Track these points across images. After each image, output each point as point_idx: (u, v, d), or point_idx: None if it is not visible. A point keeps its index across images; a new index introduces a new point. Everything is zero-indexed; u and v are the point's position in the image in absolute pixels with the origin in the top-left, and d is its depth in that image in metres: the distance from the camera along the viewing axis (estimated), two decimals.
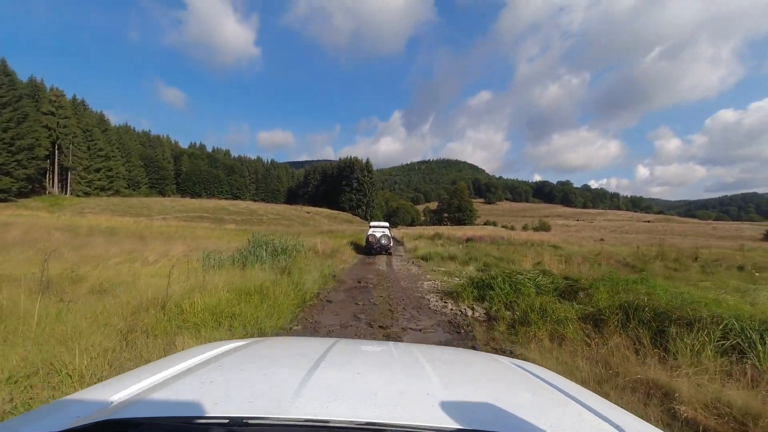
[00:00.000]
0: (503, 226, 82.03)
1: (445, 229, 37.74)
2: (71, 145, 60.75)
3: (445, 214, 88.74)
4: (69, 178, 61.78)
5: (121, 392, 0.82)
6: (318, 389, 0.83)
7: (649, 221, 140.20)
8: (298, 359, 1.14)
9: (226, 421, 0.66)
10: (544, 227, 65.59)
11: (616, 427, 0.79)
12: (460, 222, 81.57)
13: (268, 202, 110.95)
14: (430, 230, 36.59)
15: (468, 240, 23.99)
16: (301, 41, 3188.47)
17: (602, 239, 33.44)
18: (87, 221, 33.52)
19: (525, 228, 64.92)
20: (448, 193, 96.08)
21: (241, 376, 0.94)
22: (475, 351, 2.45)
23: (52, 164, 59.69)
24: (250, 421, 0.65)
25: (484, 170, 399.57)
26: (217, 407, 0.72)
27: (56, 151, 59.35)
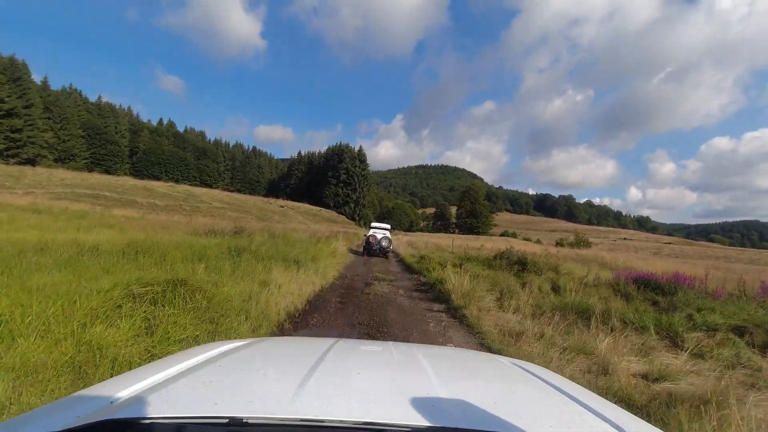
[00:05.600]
0: (525, 239, 66.32)
1: (516, 244, 21.33)
2: None
3: (453, 220, 72.49)
4: None
5: (121, 392, 0.81)
6: (318, 389, 0.83)
7: (670, 243, 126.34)
8: (298, 359, 1.15)
9: (226, 421, 0.65)
10: (582, 243, 49.65)
11: (616, 427, 0.79)
12: (471, 230, 65.42)
13: (243, 192, 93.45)
14: (460, 241, 20.25)
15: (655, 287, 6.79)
16: (307, 35, 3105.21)
17: None
18: None
19: (562, 243, 49.04)
20: (454, 196, 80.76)
21: (241, 376, 0.93)
22: (475, 351, 2.14)
23: None
24: (249, 421, 0.65)
25: (483, 179, 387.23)
26: (217, 407, 0.71)
27: None
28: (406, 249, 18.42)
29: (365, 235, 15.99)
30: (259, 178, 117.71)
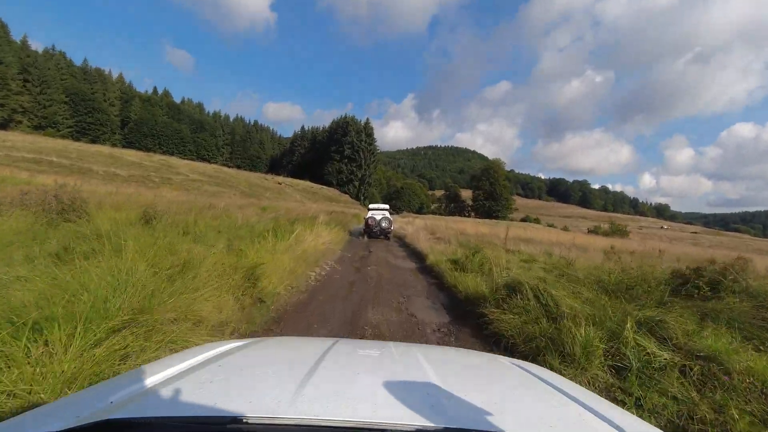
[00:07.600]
0: (549, 225, 59.64)
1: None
2: None
3: (469, 203, 65.69)
4: None
5: (121, 392, 0.81)
6: (318, 389, 0.84)
7: (696, 232, 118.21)
8: (298, 359, 1.15)
9: (226, 421, 0.66)
10: (619, 231, 43.06)
11: (616, 427, 0.79)
12: (489, 214, 58.71)
13: (243, 169, 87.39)
14: (487, 228, 14.28)
15: None
16: (318, 9, 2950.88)
17: None
18: None
19: (597, 231, 42.41)
20: (463, 178, 73.66)
21: (241, 376, 0.94)
22: (475, 351, 2.16)
23: None
24: (249, 421, 0.65)
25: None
26: (217, 407, 0.71)
27: None
28: (429, 242, 11.04)
29: (365, 218, 15.59)
30: (260, 154, 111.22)
